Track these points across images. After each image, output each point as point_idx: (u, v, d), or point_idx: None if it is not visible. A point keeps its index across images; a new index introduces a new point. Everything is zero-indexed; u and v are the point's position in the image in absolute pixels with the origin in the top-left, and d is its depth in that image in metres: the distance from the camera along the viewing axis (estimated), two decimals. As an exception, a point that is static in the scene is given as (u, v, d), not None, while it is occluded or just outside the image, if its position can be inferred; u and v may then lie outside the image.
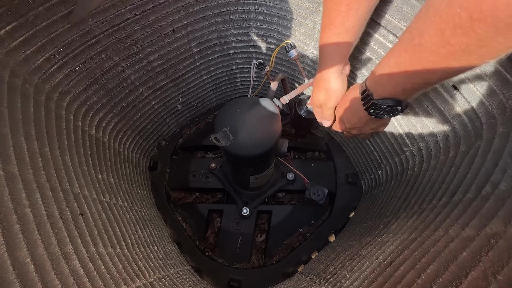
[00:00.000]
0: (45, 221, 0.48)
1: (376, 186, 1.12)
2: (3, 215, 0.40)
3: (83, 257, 0.52)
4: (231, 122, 0.74)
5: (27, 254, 0.40)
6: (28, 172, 0.53)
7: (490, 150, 0.52)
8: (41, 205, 0.50)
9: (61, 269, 0.44)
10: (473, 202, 0.44)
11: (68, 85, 0.81)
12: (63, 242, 0.50)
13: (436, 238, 0.43)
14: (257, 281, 1.13)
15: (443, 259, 0.36)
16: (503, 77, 0.55)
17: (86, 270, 0.49)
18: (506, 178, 0.41)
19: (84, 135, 0.86)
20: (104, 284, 0.51)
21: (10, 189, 0.45)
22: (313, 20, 0.95)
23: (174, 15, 0.93)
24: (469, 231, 0.38)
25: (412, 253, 0.43)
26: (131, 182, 1.08)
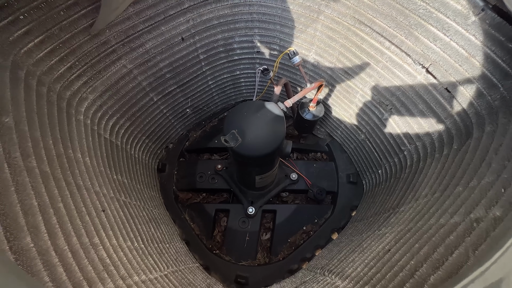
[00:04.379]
0: (75, 215, 0.54)
1: (376, 185, 1.16)
2: (43, 208, 0.46)
3: (108, 248, 0.57)
4: (239, 125, 0.79)
5: (64, 242, 0.45)
6: (57, 172, 0.58)
7: (479, 147, 0.57)
8: (70, 201, 0.56)
9: (91, 257, 0.49)
10: (462, 194, 0.49)
11: (86, 92, 0.87)
12: (91, 234, 0.55)
13: (428, 226, 0.47)
14: (263, 277, 1.17)
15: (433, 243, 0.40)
16: (489, 81, 0.60)
17: (111, 260, 0.54)
18: (490, 172, 0.46)
19: (100, 138, 0.92)
20: (128, 273, 0.56)
21: (45, 185, 0.51)
22: (313, 28, 1.01)
23: (183, 25, 0.99)
24: (456, 218, 0.42)
25: (407, 241, 0.48)
26: (142, 183, 1.13)
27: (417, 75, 0.79)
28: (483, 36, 0.59)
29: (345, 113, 1.22)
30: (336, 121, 1.31)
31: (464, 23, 0.61)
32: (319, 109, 1.14)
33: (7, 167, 0.44)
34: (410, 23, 0.72)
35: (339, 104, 1.21)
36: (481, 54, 0.60)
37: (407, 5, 0.70)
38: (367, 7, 0.80)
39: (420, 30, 0.71)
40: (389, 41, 0.81)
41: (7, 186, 0.41)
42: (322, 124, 1.42)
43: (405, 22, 0.73)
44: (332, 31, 0.96)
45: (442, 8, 0.64)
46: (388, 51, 0.83)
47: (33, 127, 0.59)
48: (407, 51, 0.78)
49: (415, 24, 0.71)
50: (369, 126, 1.11)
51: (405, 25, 0.73)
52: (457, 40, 0.64)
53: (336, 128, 1.35)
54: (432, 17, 0.67)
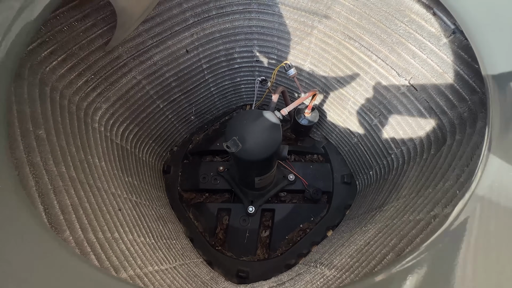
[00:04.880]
0: (98, 213, 0.62)
1: (368, 185, 1.24)
2: (74, 207, 0.54)
3: (126, 242, 0.65)
4: (239, 132, 0.88)
5: (93, 236, 0.53)
6: (82, 176, 0.67)
7: (449, 153, 0.65)
8: (93, 201, 0.64)
9: (114, 249, 0.57)
10: (430, 194, 0.57)
11: (100, 102, 0.95)
12: (112, 230, 0.63)
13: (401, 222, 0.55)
14: (262, 271, 1.25)
15: (400, 236, 0.48)
16: (459, 94, 0.69)
17: (129, 252, 0.63)
18: (453, 176, 0.54)
19: (112, 144, 1.00)
20: (143, 263, 0.65)
21: (74, 188, 0.59)
22: (308, 41, 1.09)
23: (188, 39, 1.07)
24: (421, 215, 0.50)
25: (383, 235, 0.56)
26: (149, 184, 1.22)
27: (400, 86, 0.87)
28: (453, 56, 0.67)
29: (339, 118, 1.30)
30: (331, 125, 1.39)
31: (437, 44, 0.69)
32: (314, 115, 1.23)
33: (45, 174, 0.53)
34: (393, 41, 0.80)
35: (333, 110, 1.29)
36: (452, 71, 0.68)
37: (389, 25, 0.78)
38: (355, 24, 0.88)
39: (402, 47, 0.79)
40: (376, 55, 0.89)
41: (47, 190, 0.50)
42: (318, 128, 1.50)
43: (389, 40, 0.81)
44: (325, 44, 1.04)
45: (419, 30, 0.72)
46: (375, 64, 0.91)
47: (60, 137, 0.68)
48: (391, 65, 0.86)
49: (397, 42, 0.79)
50: (360, 130, 1.20)
51: (389, 42, 0.81)
52: (432, 58, 0.72)
53: (331, 132, 1.44)
54: (411, 37, 0.75)
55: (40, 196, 0.47)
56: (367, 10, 0.81)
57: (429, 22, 0.69)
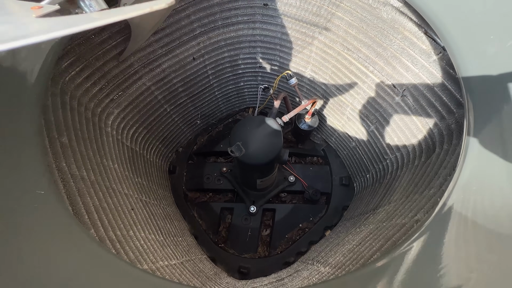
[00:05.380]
0: (115, 213, 0.69)
1: (365, 188, 1.30)
2: (96, 208, 0.61)
3: (139, 239, 0.72)
4: (243, 138, 0.94)
5: (112, 234, 0.60)
6: (99, 179, 0.73)
7: (436, 162, 0.71)
8: (110, 201, 0.71)
9: (131, 246, 0.64)
10: (416, 200, 0.62)
11: (112, 107, 1.01)
12: (127, 228, 0.70)
13: (389, 225, 0.61)
14: (262, 268, 1.32)
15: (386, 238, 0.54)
16: (448, 107, 0.74)
17: (143, 248, 0.70)
18: (437, 184, 0.60)
19: (123, 146, 1.07)
20: (155, 258, 0.71)
21: (94, 190, 0.66)
22: (309, 50, 1.14)
23: (195, 48, 1.13)
24: (406, 219, 0.56)
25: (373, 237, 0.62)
26: (156, 184, 1.29)
27: (395, 96, 0.92)
28: (441, 72, 0.72)
29: (338, 123, 1.36)
30: (331, 129, 1.45)
31: (428, 60, 0.74)
32: (314, 120, 1.28)
33: (71, 178, 0.59)
34: (388, 54, 0.85)
35: (332, 115, 1.35)
36: (441, 86, 0.74)
37: (384, 40, 0.83)
38: (353, 37, 0.93)
39: (396, 61, 0.84)
40: (372, 67, 0.94)
41: (74, 192, 0.56)
42: (318, 131, 1.56)
43: (384, 53, 0.86)
44: (325, 53, 1.10)
45: (411, 46, 0.77)
46: (372, 74, 0.97)
47: (79, 143, 0.74)
48: (386, 76, 0.91)
49: (392, 56, 0.84)
50: (358, 135, 1.25)
51: (384, 55, 0.87)
52: (423, 72, 0.77)
53: (330, 135, 1.49)
54: (404, 52, 0.80)
55: (68, 199, 0.54)
56: (364, 25, 0.86)
57: (421, 40, 0.74)
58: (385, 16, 0.78)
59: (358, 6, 0.84)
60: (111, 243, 0.56)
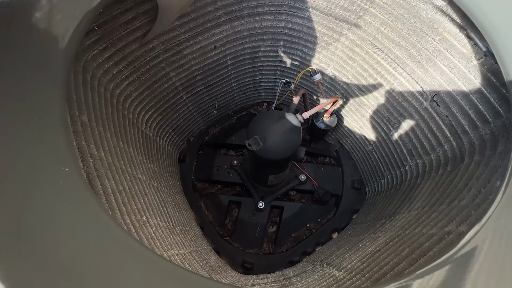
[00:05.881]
0: (130, 197, 0.68)
1: (378, 193, 1.27)
2: (113, 191, 0.59)
3: (152, 225, 0.71)
4: (261, 132, 0.91)
5: (128, 218, 0.59)
6: (116, 161, 0.72)
7: (466, 173, 0.68)
8: (126, 185, 0.70)
9: (144, 232, 0.63)
10: (444, 211, 0.59)
11: (130, 90, 1.00)
12: (140, 213, 0.69)
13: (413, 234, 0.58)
14: (266, 265, 1.31)
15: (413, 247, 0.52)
16: (483, 117, 0.70)
17: (155, 235, 0.68)
18: (468, 196, 0.57)
19: (138, 131, 1.06)
20: (166, 246, 0.70)
21: (111, 173, 0.64)
22: (334, 47, 1.10)
23: (217, 36, 1.10)
24: (435, 230, 0.53)
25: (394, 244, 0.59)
26: (167, 171, 1.28)
27: (423, 101, 0.88)
28: (481, 78, 0.68)
29: (356, 124, 1.32)
30: (347, 130, 1.41)
31: (467, 65, 0.70)
32: (332, 120, 1.25)
33: (90, 157, 0.58)
34: (422, 56, 0.81)
35: (350, 116, 1.31)
36: (479, 93, 0.70)
37: (420, 41, 0.79)
38: (385, 36, 0.89)
39: (430, 64, 0.80)
40: (402, 68, 0.90)
41: (92, 173, 0.55)
42: (333, 131, 1.52)
43: (417, 55, 0.82)
44: (352, 51, 1.06)
45: (450, 49, 0.73)
46: (400, 76, 0.93)
47: (98, 123, 0.73)
48: (417, 79, 0.87)
49: (426, 58, 0.80)
50: (376, 139, 1.21)
51: (417, 57, 0.83)
52: (460, 78, 0.73)
53: (346, 137, 1.46)
54: (441, 54, 0.76)
55: (88, 178, 0.52)
56: (399, 24, 0.82)
57: (461, 43, 0.70)
58: (424, 15, 0.74)
59: (395, 3, 0.79)
60: (127, 228, 0.55)
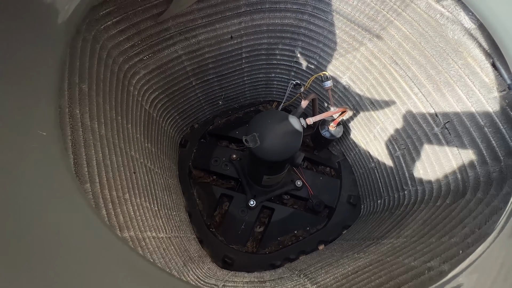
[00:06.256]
0: (116, 172, 0.67)
1: (372, 213, 1.23)
2: (98, 163, 0.59)
3: (133, 204, 0.70)
4: (261, 130, 0.89)
5: (108, 193, 0.58)
6: (109, 134, 0.72)
7: (465, 209, 0.63)
8: (114, 160, 0.69)
9: (123, 209, 0.62)
10: (432, 244, 0.56)
11: (140, 67, 1.00)
12: (124, 190, 0.68)
13: (394, 262, 0.55)
14: (247, 263, 1.29)
15: (389, 276, 0.49)
16: (494, 153, 0.65)
17: (135, 214, 0.68)
18: (461, 234, 0.53)
19: (142, 109, 1.06)
20: (144, 228, 0.70)
21: (100, 144, 0.64)
22: (353, 56, 1.06)
23: (235, 26, 1.08)
24: (416, 262, 0.50)
25: (373, 269, 0.56)
26: (165, 154, 1.28)
27: (434, 126, 0.84)
28: (500, 112, 0.63)
29: (362, 139, 1.28)
30: (352, 144, 1.37)
31: (487, 96, 0.65)
32: (338, 130, 1.21)
33: (80, 126, 0.57)
34: (440, 79, 0.76)
35: (358, 129, 1.27)
36: (494, 127, 0.65)
37: (441, 63, 0.75)
38: (405, 52, 0.85)
39: (448, 88, 0.75)
40: (418, 89, 0.86)
41: (79, 141, 0.55)
42: (338, 142, 1.48)
43: (436, 77, 0.77)
44: (369, 63, 1.01)
45: (472, 76, 0.68)
46: (415, 97, 0.88)
47: (99, 94, 0.73)
48: (432, 102, 0.82)
49: (445, 81, 0.76)
50: (380, 157, 1.17)
51: (436, 79, 0.78)
52: (477, 108, 0.68)
53: (350, 150, 1.41)
54: (461, 80, 0.71)
55: (72, 146, 0.52)
56: (422, 41, 0.78)
57: (485, 71, 0.65)
58: (450, 36, 0.70)
59: (422, 18, 0.75)
60: (104, 202, 0.55)
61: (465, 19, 0.65)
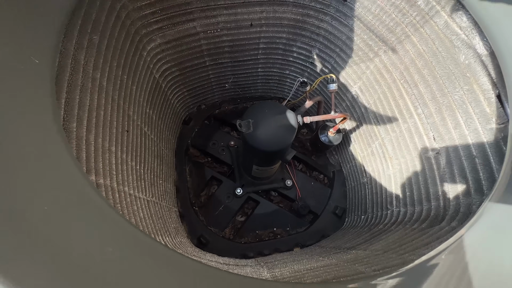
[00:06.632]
0: (107, 123, 0.71)
1: (353, 227, 1.21)
2: (90, 108, 0.62)
3: (117, 158, 0.74)
4: (257, 118, 0.90)
5: (92, 138, 0.61)
6: (110, 88, 0.75)
7: (434, 234, 0.62)
8: (109, 112, 0.73)
9: (105, 157, 0.65)
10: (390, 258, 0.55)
11: (157, 35, 1.03)
12: (111, 142, 0.72)
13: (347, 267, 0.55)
14: (220, 248, 1.31)
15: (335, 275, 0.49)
16: (479, 186, 0.63)
17: (116, 166, 0.71)
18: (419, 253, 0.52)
19: (151, 76, 1.09)
20: (122, 182, 0.73)
21: (98, 94, 0.67)
22: (366, 65, 1.05)
23: (257, 14, 1.10)
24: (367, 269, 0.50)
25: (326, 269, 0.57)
26: (166, 125, 1.31)
27: (429, 150, 0.82)
28: (493, 144, 0.61)
29: (360, 152, 1.26)
30: (350, 156, 1.36)
31: (484, 126, 0.63)
32: (337, 137, 1.20)
33: (81, 71, 0.61)
34: (444, 102, 0.75)
35: (358, 142, 1.25)
36: (485, 159, 0.63)
37: (447, 85, 0.73)
38: (416, 70, 0.83)
39: (449, 112, 0.73)
40: (421, 109, 0.84)
41: (76, 85, 0.58)
42: (337, 152, 1.47)
43: (440, 99, 0.76)
44: (381, 76, 1.00)
45: (474, 103, 0.66)
46: (417, 116, 0.86)
47: (108, 49, 0.76)
48: (431, 125, 0.81)
49: (447, 105, 0.74)
50: (373, 173, 1.15)
51: (439, 101, 0.76)
52: (473, 137, 0.66)
53: (347, 162, 1.40)
54: (462, 106, 0.69)
55: (67, 86, 0.55)
56: (434, 61, 0.76)
57: (488, 101, 0.63)
58: (462, 60, 0.68)
59: (438, 37, 0.73)
60: (86, 145, 0.58)
61: (479, 44, 0.63)
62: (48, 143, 0.40)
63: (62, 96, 0.53)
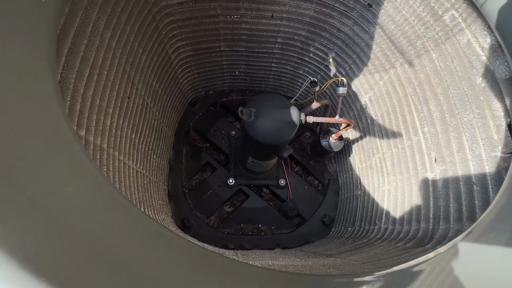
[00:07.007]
0: (109, 84, 0.70)
1: (338, 237, 1.19)
2: (93, 68, 0.62)
3: (113, 122, 0.73)
4: (260, 108, 0.89)
5: (91, 95, 0.61)
6: (118, 50, 0.74)
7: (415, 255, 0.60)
8: (113, 74, 0.72)
9: (100, 118, 0.65)
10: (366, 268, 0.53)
11: (176, 10, 1.02)
12: (109, 105, 0.71)
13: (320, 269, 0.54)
14: (203, 235, 1.30)
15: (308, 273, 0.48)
16: (473, 214, 0.61)
17: (110, 131, 0.71)
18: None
19: (163, 50, 1.09)
20: (115, 147, 0.72)
21: (105, 52, 0.67)
22: (380, 76, 1.03)
23: (279, 6, 1.08)
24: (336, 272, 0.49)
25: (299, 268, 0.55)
26: (170, 102, 1.31)
27: (428, 170, 0.79)
28: (494, 173, 0.59)
29: (359, 164, 1.24)
30: (348, 166, 1.33)
31: (489, 153, 0.61)
32: (338, 144, 1.18)
33: (91, 26, 0.60)
34: (452, 123, 0.72)
35: (358, 154, 1.23)
36: (483, 187, 0.60)
37: (459, 106, 0.70)
38: (429, 87, 0.80)
39: (455, 134, 0.71)
40: (428, 128, 0.81)
41: (82, 38, 0.57)
42: (336, 160, 1.45)
43: (448, 120, 0.73)
44: (393, 89, 0.97)
45: (482, 128, 0.64)
46: (422, 135, 0.84)
47: (124, 12, 0.76)
48: (435, 145, 0.78)
49: (455, 127, 0.71)
50: (368, 186, 1.13)
51: (447, 122, 0.74)
52: (475, 163, 0.64)
53: (344, 172, 1.37)
54: (470, 130, 0.67)
55: (73, 37, 0.55)
56: (449, 80, 0.73)
57: (497, 128, 0.61)
58: (478, 82, 0.65)
59: (457, 56, 0.71)
60: (82, 99, 0.57)
61: (499, 68, 0.61)
62: (34, 74, 0.39)
63: (65, 44, 0.52)
